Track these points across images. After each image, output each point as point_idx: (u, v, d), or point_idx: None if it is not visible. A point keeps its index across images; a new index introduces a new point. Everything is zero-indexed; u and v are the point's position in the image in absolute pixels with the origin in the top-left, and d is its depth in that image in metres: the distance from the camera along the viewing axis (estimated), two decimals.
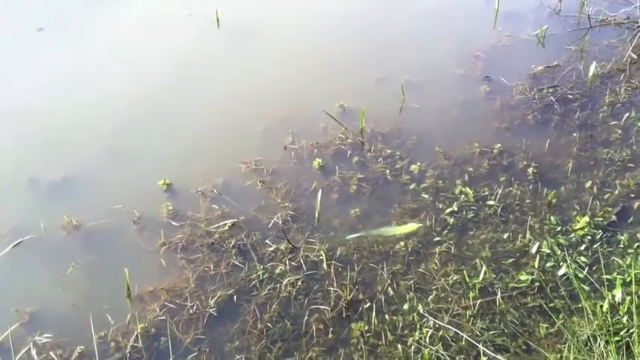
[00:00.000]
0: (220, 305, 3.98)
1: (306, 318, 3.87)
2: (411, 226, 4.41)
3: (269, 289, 4.04)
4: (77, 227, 4.50)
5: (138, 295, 4.06)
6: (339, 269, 4.15)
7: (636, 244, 4.11)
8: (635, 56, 5.90)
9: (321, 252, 4.24)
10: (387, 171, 4.89)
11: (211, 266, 4.20)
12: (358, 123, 5.27)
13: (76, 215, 4.56)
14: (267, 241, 4.35)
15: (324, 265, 4.17)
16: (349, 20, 6.62)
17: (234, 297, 4.02)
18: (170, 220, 4.56)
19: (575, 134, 5.06)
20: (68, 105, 5.62)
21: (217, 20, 6.63)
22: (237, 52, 6.31)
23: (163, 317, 3.93)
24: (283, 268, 4.16)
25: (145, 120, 5.43)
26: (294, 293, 4.02)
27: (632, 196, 4.51)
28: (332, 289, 4.02)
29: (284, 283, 4.07)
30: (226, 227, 4.45)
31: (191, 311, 3.95)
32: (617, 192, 4.53)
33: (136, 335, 3.81)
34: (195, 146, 5.17)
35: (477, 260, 4.15)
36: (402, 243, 4.31)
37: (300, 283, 4.08)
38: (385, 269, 4.15)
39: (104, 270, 4.23)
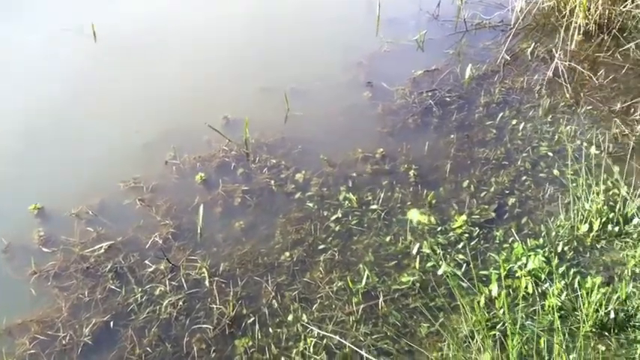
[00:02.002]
0: (96, 333, 3.78)
1: (187, 339, 3.74)
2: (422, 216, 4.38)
3: (148, 312, 3.88)
4: None
5: (6, 329, 3.79)
6: (222, 285, 4.05)
7: (511, 239, 4.23)
8: (508, 57, 6.15)
9: (203, 269, 4.12)
10: (272, 181, 4.84)
11: (86, 292, 3.99)
12: (243, 134, 5.19)
13: None
14: (146, 261, 4.19)
15: (207, 283, 4.05)
16: (231, 31, 6.57)
17: (111, 323, 3.83)
18: (41, 246, 4.31)
19: (452, 135, 5.20)
20: None
21: (94, 34, 6.40)
22: (116, 66, 6.10)
23: (34, 350, 3.69)
24: (163, 289, 4.01)
25: (15, 142, 5.13)
26: (174, 314, 3.87)
27: (507, 192, 4.66)
28: (215, 306, 3.91)
29: (164, 304, 3.92)
30: (102, 250, 4.25)
31: (64, 342, 3.73)
32: (492, 189, 4.67)
33: None
34: (70, 167, 4.94)
35: (361, 265, 4.15)
36: (287, 253, 4.26)
37: (181, 303, 3.94)
38: (270, 281, 4.08)
39: None
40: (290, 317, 3.85)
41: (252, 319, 3.85)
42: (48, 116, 5.42)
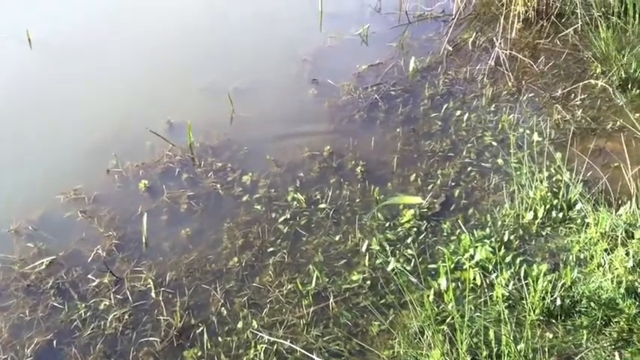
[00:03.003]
0: (38, 353, 3.65)
1: (134, 353, 3.64)
2: (416, 199, 4.34)
3: (93, 328, 3.76)
4: None
5: None
6: (169, 296, 3.96)
7: (458, 231, 4.24)
8: (450, 48, 6.17)
9: (149, 280, 4.02)
10: (219, 185, 4.76)
11: (27, 311, 3.85)
12: (187, 138, 5.09)
13: None
14: (89, 275, 4.06)
15: (153, 294, 3.96)
16: (169, 32, 6.43)
17: (54, 342, 3.70)
18: None
19: (399, 129, 5.19)
20: None
21: (29, 40, 6.19)
22: (53, 73, 5.93)
23: None
24: (108, 303, 3.89)
25: None
26: (120, 328, 3.76)
27: (453, 184, 4.67)
28: (162, 318, 3.81)
29: (109, 319, 3.80)
30: (43, 266, 4.11)
31: None
32: (439, 182, 4.67)
33: None
34: (7, 180, 4.78)
35: (311, 266, 4.10)
36: (235, 259, 4.19)
37: (127, 316, 3.83)
38: (218, 289, 4.00)
39: None
40: (240, 324, 3.78)
41: (200, 328, 3.76)
42: None
